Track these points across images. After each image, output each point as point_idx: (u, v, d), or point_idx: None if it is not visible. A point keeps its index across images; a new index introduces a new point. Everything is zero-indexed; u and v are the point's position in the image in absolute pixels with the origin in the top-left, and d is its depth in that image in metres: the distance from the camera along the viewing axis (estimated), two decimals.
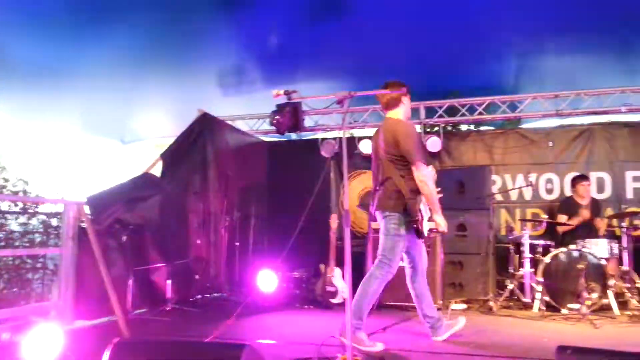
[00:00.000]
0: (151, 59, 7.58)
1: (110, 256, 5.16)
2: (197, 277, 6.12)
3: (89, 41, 6.79)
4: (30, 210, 5.33)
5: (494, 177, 7.17)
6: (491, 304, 5.61)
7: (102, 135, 9.57)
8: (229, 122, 7.94)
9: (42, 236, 5.24)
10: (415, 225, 4.15)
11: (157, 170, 6.68)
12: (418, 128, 7.73)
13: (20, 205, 5.35)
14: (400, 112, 4.31)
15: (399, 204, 4.09)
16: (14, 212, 5.31)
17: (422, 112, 7.65)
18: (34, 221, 5.22)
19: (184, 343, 3.34)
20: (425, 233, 4.25)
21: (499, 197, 7.10)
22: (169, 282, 5.58)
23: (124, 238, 5.30)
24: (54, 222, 5.33)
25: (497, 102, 7.38)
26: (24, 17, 6.10)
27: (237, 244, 6.90)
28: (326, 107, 7.57)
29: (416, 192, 4.07)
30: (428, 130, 7.75)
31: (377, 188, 4.30)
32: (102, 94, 7.84)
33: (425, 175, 4.03)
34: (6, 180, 5.44)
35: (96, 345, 3.94)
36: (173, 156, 6.51)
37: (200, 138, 6.84)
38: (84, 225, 4.89)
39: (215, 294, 6.63)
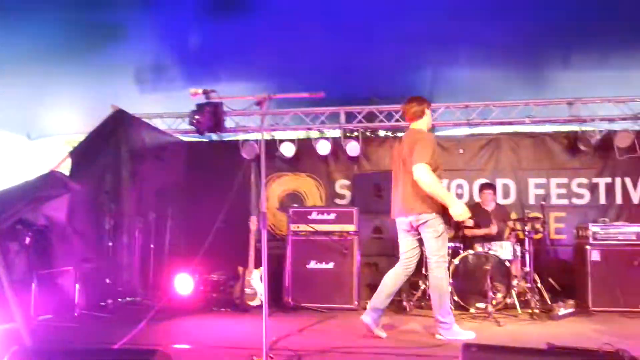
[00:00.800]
0: (62, 51, 7.18)
1: (11, 258, 4.82)
2: (107, 280, 5.84)
3: None
4: None
5: None
6: (405, 304, 5.81)
7: (6, 129, 8.93)
8: (146, 120, 7.67)
9: None
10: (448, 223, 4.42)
11: (66, 168, 6.34)
12: (337, 132, 7.89)
13: None
14: (423, 124, 4.66)
15: (434, 205, 4.30)
16: None
17: (342, 117, 7.80)
18: None
19: (91, 350, 3.19)
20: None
21: None
22: (77, 286, 5.29)
23: (27, 239, 4.97)
24: None
25: None
26: None
27: (152, 246, 6.67)
28: (244, 108, 7.51)
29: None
30: (348, 134, 7.90)
31: (400, 194, 4.55)
32: (7, 86, 7.33)
33: (420, 174, 4.25)
34: None
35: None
36: (84, 154, 6.21)
37: (113, 135, 6.56)
38: None
39: (128, 298, 6.35)
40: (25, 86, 7.46)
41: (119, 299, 6.09)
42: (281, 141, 7.76)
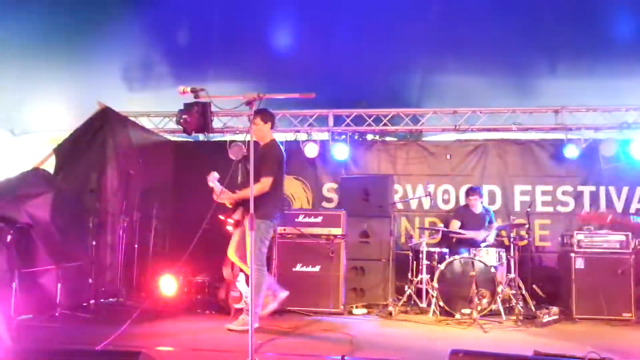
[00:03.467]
0: (48, 47, 7.11)
1: None
2: (90, 280, 5.75)
3: None
4: None
5: (396, 186, 7.45)
6: (390, 308, 5.81)
7: None
8: (133, 119, 7.59)
9: None
10: None
11: (50, 166, 6.24)
12: (326, 135, 7.88)
13: None
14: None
15: None
16: None
17: (331, 120, 7.79)
18: None
19: (73, 351, 3.13)
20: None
21: (400, 206, 7.39)
22: (59, 285, 5.19)
23: (9, 237, 4.86)
24: None
25: (401, 114, 7.69)
26: None
27: (136, 246, 6.58)
28: (234, 107, 7.46)
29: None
30: (336, 137, 7.89)
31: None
32: None
33: None
34: None
35: None
36: (68, 151, 6.12)
37: (99, 133, 6.47)
38: None
39: (111, 299, 6.26)
40: (9, 81, 7.35)
41: (102, 300, 6.00)
42: None
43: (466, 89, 7.99)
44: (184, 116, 7.34)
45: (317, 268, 6.01)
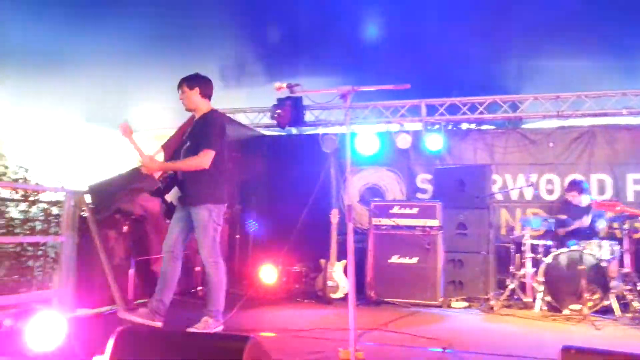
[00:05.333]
0: (152, 50, 7.55)
1: (110, 245, 5.13)
2: (197, 269, 6.08)
3: (90, 29, 6.75)
4: (31, 198, 5.27)
5: (495, 176, 7.17)
6: (492, 302, 5.62)
7: (103, 124, 9.51)
8: (230, 115, 7.90)
9: (43, 224, 5.19)
10: None
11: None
12: (419, 126, 7.74)
13: (21, 192, 5.31)
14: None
15: None
16: (15, 200, 5.26)
17: (424, 110, 7.65)
18: (34, 209, 5.17)
19: (189, 333, 3.33)
20: None
21: (499, 197, 7.11)
22: None
23: (125, 228, 5.27)
24: (55, 210, 5.28)
25: (498, 101, 7.38)
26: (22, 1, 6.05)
27: (238, 236, 6.87)
28: (329, 101, 7.52)
29: None
30: (429, 128, 7.74)
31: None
32: (103, 83, 7.79)
33: None
34: (6, 167, 5.39)
35: (98, 333, 3.92)
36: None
37: None
38: (85, 214, 4.86)
39: None
40: (116, 82, 7.90)
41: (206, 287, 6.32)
42: (361, 135, 7.72)
43: (569, 73, 7.53)
44: (277, 111, 7.61)
45: (414, 260, 5.94)
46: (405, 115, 7.72)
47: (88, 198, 4.98)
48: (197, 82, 4.37)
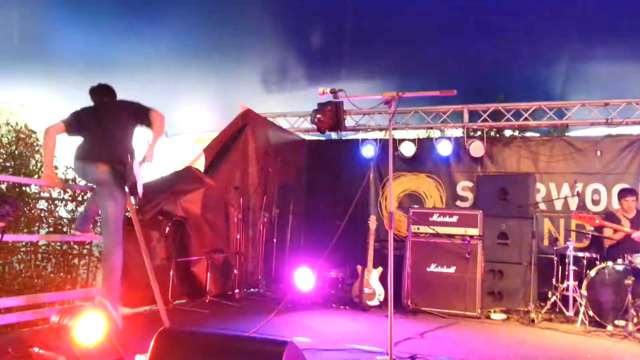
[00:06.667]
0: (195, 53, 7.68)
1: (152, 246, 5.26)
2: (235, 271, 6.16)
3: (133, 33, 6.92)
4: (78, 198, 5.46)
5: (538, 185, 6.99)
6: (532, 315, 5.47)
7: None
8: (271, 119, 7.99)
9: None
10: None
11: (199, 164, 6.78)
12: (460, 132, 7.63)
13: (70, 192, 5.50)
14: None
15: None
16: (63, 199, 5.45)
17: (466, 116, 7.52)
18: (81, 208, 5.35)
19: (228, 336, 3.37)
20: None
21: (542, 206, 6.93)
22: (208, 274, 5.64)
23: (167, 229, 5.39)
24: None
25: (543, 108, 7.20)
26: (70, 7, 6.26)
27: (275, 240, 6.93)
28: (373, 107, 7.51)
29: None
30: (471, 134, 7.62)
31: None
32: (146, 86, 7.97)
33: None
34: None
35: (139, 332, 4.03)
36: (215, 151, 6.58)
37: (242, 134, 6.89)
38: (128, 214, 4.99)
39: (252, 289, 6.68)
40: (161, 86, 8.07)
41: (245, 289, 6.40)
42: (401, 140, 7.66)
43: (619, 79, 7.26)
44: (318, 115, 7.62)
45: (452, 269, 5.85)
46: (447, 121, 7.62)
47: (132, 199, 5.11)
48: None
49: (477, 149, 7.27)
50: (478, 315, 5.64)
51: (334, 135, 8.50)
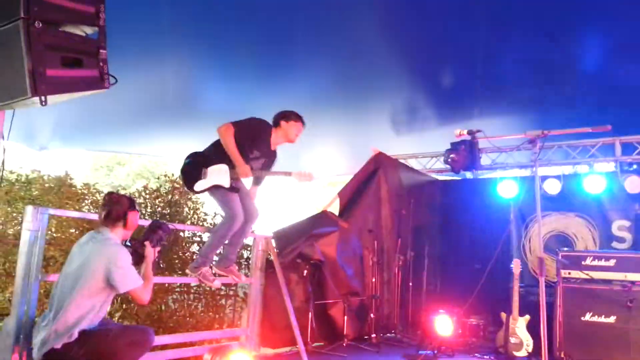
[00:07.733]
0: (327, 100, 7.96)
1: (292, 288, 5.40)
2: (372, 315, 6.10)
3: (270, 89, 7.34)
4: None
5: None
6: None
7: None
8: (402, 161, 7.96)
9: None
10: None
11: (334, 208, 6.92)
12: (612, 166, 6.96)
13: None
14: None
15: None
16: None
17: (618, 149, 6.86)
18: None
19: None
20: None
21: None
22: (345, 318, 5.64)
23: (305, 272, 5.52)
24: (245, 253, 5.75)
25: None
26: (214, 72, 6.85)
27: (411, 284, 6.77)
28: (517, 145, 7.15)
29: None
30: (625, 168, 6.90)
31: None
32: None
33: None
34: (206, 214, 6.03)
35: None
36: (349, 194, 6.68)
37: (374, 177, 6.94)
38: (270, 257, 5.20)
39: (388, 334, 6.55)
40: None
41: (381, 334, 6.29)
42: (544, 177, 7.16)
43: None
44: (451, 155, 7.45)
45: (611, 319, 5.24)
46: (595, 155, 7.01)
47: (273, 242, 5.33)
48: None
49: (634, 184, 6.55)
50: None
51: (468, 175, 8.23)
